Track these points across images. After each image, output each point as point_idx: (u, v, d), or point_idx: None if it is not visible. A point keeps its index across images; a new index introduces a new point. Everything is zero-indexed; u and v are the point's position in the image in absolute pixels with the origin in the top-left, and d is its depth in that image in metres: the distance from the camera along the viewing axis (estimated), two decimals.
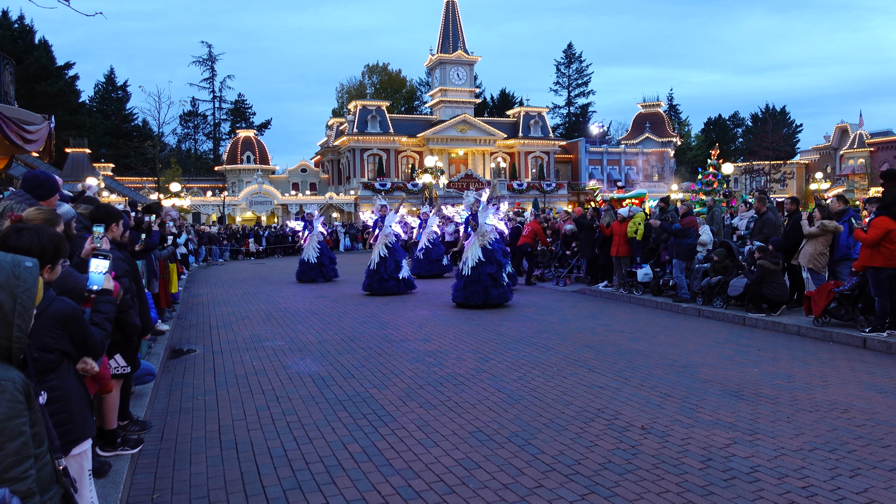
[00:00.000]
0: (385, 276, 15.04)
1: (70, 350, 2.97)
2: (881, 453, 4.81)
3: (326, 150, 58.45)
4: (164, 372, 7.77)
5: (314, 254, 18.78)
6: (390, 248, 15.28)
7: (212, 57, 72.22)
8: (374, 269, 15.16)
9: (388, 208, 15.97)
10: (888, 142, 50.99)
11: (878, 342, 8.38)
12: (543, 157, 55.90)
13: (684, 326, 10.41)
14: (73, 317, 2.91)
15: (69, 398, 2.94)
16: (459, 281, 12.77)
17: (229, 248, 33.15)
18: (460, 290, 12.70)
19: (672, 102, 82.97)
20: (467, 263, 12.61)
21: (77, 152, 39.45)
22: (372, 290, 15.15)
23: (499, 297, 12.54)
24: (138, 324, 4.63)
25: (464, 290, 12.57)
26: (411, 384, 6.99)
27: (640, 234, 13.56)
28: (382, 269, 15.07)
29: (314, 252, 18.78)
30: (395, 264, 15.20)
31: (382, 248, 15.23)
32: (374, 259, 15.25)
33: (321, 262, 18.89)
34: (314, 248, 19.09)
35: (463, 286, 12.63)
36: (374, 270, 15.17)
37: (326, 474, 4.60)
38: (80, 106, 53.89)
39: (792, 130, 74.84)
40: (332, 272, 19.35)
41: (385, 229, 15.49)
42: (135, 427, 5.23)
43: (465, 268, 12.62)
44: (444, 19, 56.15)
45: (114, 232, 4.49)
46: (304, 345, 9.33)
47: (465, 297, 12.47)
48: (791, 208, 11.27)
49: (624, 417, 5.73)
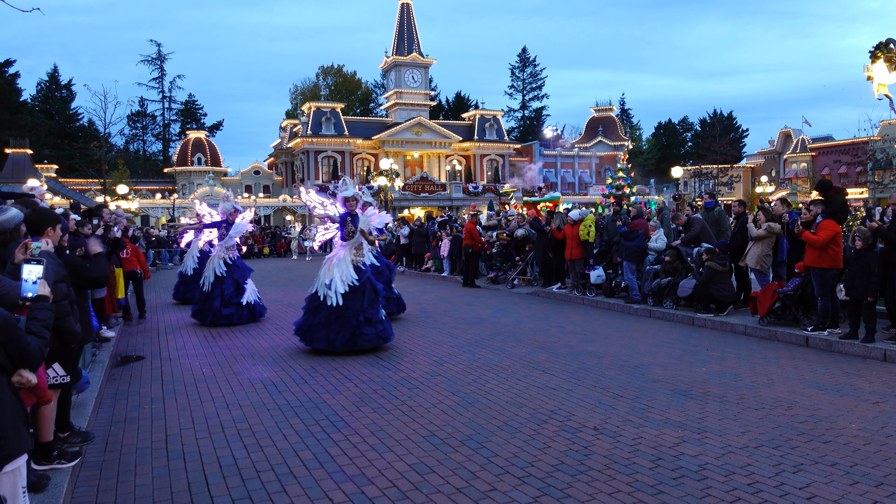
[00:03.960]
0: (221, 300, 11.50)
1: (4, 362, 2.83)
2: (822, 449, 4.96)
3: (280, 152, 57.71)
4: (108, 380, 7.52)
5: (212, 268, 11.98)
6: (230, 264, 11.77)
7: (161, 56, 70.61)
8: (208, 290, 11.63)
9: (238, 212, 12.49)
10: (828, 146, 52.98)
11: (820, 341, 8.67)
12: (498, 159, 56.29)
13: (636, 327, 10.58)
14: (5, 326, 2.77)
15: (1, 413, 2.80)
16: (315, 315, 8.77)
17: (179, 251, 32.40)
18: (320, 329, 8.67)
19: (624, 107, 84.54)
20: (335, 289, 8.68)
21: (18, 153, 38.07)
22: (202, 318, 11.59)
23: (375, 338, 8.77)
24: (77, 330, 4.46)
25: (326, 328, 8.63)
26: (365, 389, 6.92)
27: (591, 237, 13.76)
28: (217, 292, 11.54)
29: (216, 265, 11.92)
30: (236, 285, 11.69)
31: (220, 264, 11.68)
32: (209, 278, 11.68)
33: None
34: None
35: (324, 322, 8.65)
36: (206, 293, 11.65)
37: (277, 483, 4.51)
38: (21, 105, 52.02)
39: (738, 135, 76.99)
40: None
41: (227, 240, 12.00)
42: (76, 438, 5.04)
43: (333, 296, 8.64)
44: (400, 21, 56.11)
45: (51, 236, 4.31)
46: (255, 350, 9.16)
47: (327, 339, 8.61)
48: (738, 211, 11.60)
49: (577, 419, 5.78)
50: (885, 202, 30.95)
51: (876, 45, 8.32)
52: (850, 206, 12.09)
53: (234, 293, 11.61)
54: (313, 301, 8.86)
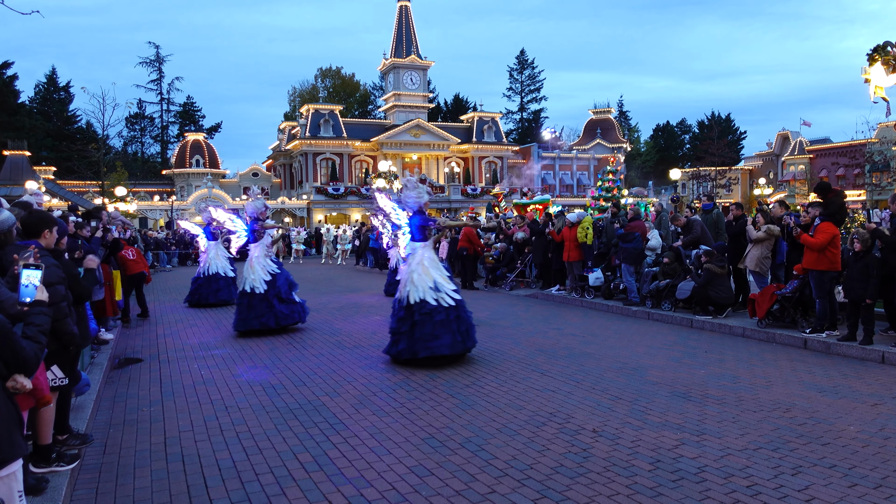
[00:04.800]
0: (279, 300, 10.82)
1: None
2: (821, 451, 4.97)
3: (279, 154, 57.69)
4: (107, 383, 7.51)
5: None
6: (275, 262, 11.22)
7: (159, 58, 70.61)
8: (262, 292, 10.67)
9: (268, 209, 11.68)
10: (826, 149, 53.08)
11: (818, 343, 8.68)
12: (497, 161, 56.31)
13: (634, 329, 10.59)
14: (0, 331, 2.76)
15: None
16: (431, 319, 7.92)
17: (177, 253, 32.39)
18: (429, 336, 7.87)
19: (622, 109, 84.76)
20: (445, 290, 8.12)
21: (16, 155, 37.95)
22: (262, 324, 10.57)
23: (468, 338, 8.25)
24: (76, 332, 4.45)
25: (445, 327, 7.93)
26: (364, 391, 6.92)
27: (589, 239, 13.77)
28: (272, 293, 10.74)
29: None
30: (289, 283, 11.12)
31: (269, 263, 10.98)
32: (259, 279, 10.75)
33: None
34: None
35: (444, 321, 7.94)
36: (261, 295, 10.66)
37: (276, 485, 4.51)
38: (19, 107, 52.00)
39: (736, 137, 77.14)
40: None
41: (266, 238, 11.22)
42: (75, 441, 5.04)
43: (447, 297, 8.06)
44: (398, 24, 56.15)
45: (47, 238, 4.31)
46: (254, 352, 9.15)
47: (453, 342, 7.96)
48: (737, 213, 11.62)
49: (575, 421, 5.78)
50: (883, 204, 30.99)
51: (873, 48, 8.35)
52: (849, 208, 12.12)
53: (288, 290, 11.04)
54: (424, 309, 7.93)
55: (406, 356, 7.94)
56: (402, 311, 8.09)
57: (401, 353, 7.99)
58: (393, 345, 8.17)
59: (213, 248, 15.02)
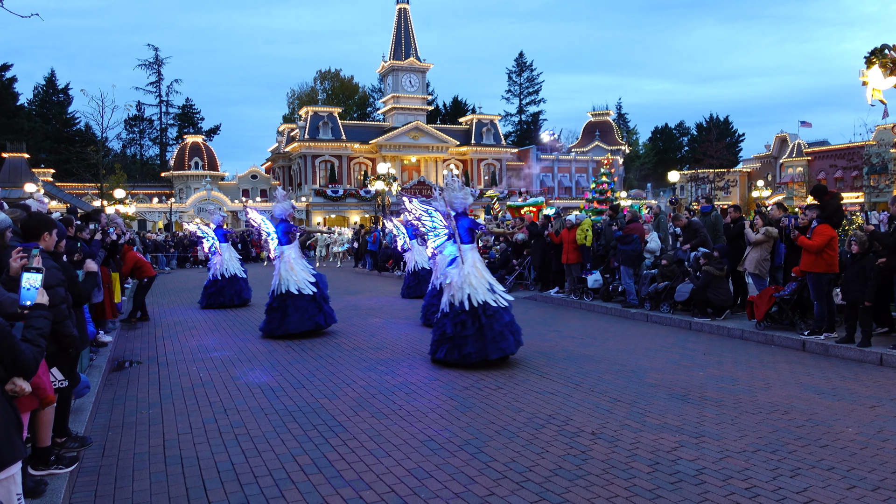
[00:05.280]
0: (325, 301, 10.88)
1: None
2: (819, 453, 4.98)
3: (277, 157, 57.75)
4: (106, 385, 7.51)
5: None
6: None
7: (158, 60, 70.69)
8: (311, 294, 10.62)
9: (294, 210, 11.55)
10: (824, 151, 53.18)
11: (817, 345, 8.69)
12: (496, 164, 56.41)
13: (633, 331, 10.60)
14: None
15: None
16: (473, 324, 7.95)
17: (176, 255, 32.38)
18: (471, 340, 7.91)
19: (621, 111, 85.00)
20: (500, 291, 8.29)
21: (14, 157, 37.99)
22: (316, 326, 10.60)
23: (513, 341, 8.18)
24: (75, 334, 4.45)
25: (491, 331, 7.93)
26: (363, 393, 6.92)
27: (589, 241, 13.78)
28: (319, 294, 10.74)
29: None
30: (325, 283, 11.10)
31: (308, 265, 11.05)
32: (304, 281, 10.64)
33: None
34: None
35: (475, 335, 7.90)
36: (309, 297, 10.61)
37: (275, 488, 4.51)
38: (18, 109, 52.09)
39: (734, 140, 77.27)
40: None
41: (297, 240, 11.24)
42: (74, 444, 5.04)
43: (502, 299, 8.18)
44: (397, 26, 56.26)
45: (47, 241, 4.31)
46: (253, 354, 9.15)
47: (483, 348, 7.92)
48: (734, 215, 11.64)
49: (574, 423, 5.78)
50: (881, 206, 31.04)
51: (871, 51, 8.37)
52: (846, 210, 12.14)
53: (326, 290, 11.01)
54: (489, 311, 8.00)
55: (476, 359, 7.86)
56: (463, 315, 7.96)
57: (469, 356, 7.86)
58: (454, 349, 7.96)
59: (227, 249, 15.17)
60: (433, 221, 8.54)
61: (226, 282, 14.79)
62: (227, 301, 14.66)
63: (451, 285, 8.20)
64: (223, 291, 14.74)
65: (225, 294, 14.72)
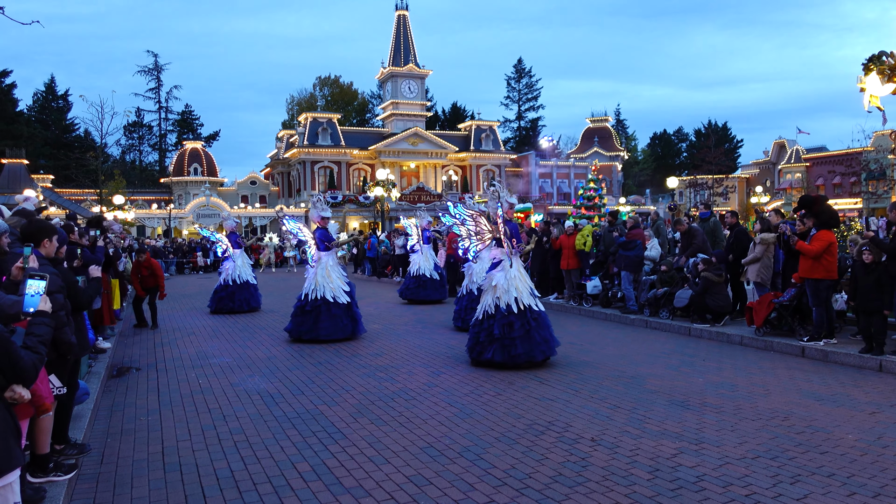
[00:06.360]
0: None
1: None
2: (819, 459, 4.97)
3: (277, 163, 57.78)
4: (105, 392, 7.49)
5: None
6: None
7: (157, 67, 70.74)
8: (345, 302, 10.71)
9: (328, 215, 11.18)
10: (823, 157, 53.30)
11: (816, 351, 8.69)
12: (495, 170, 56.47)
13: (632, 337, 10.59)
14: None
15: None
16: (514, 325, 8.16)
17: (175, 261, 32.37)
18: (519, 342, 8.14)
19: (619, 117, 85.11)
20: (535, 294, 8.57)
21: (14, 163, 38.06)
22: (353, 332, 10.76)
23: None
24: (73, 341, 4.44)
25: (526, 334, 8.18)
26: (362, 400, 6.91)
27: (588, 247, 13.79)
28: (353, 300, 10.91)
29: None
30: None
31: (342, 271, 11.15)
32: (339, 288, 10.71)
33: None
34: None
35: (522, 329, 8.19)
36: (344, 305, 10.70)
37: (275, 495, 4.50)
38: (17, 115, 52.18)
39: (733, 146, 77.41)
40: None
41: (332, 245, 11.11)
42: (72, 451, 5.03)
43: (536, 302, 8.42)
44: (396, 32, 56.42)
45: (47, 247, 4.31)
46: (252, 361, 9.14)
47: (528, 350, 8.21)
48: (732, 221, 11.65)
49: (574, 429, 5.77)
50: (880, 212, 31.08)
51: (869, 58, 8.38)
52: (843, 216, 12.13)
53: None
54: (532, 313, 8.26)
55: (523, 360, 8.16)
56: (511, 317, 8.16)
57: (517, 357, 8.12)
58: (503, 350, 8.15)
59: (240, 255, 15.27)
60: (478, 226, 8.60)
61: (237, 287, 14.84)
62: (237, 307, 14.69)
63: (497, 287, 8.36)
64: (233, 297, 14.79)
65: (235, 299, 14.77)
